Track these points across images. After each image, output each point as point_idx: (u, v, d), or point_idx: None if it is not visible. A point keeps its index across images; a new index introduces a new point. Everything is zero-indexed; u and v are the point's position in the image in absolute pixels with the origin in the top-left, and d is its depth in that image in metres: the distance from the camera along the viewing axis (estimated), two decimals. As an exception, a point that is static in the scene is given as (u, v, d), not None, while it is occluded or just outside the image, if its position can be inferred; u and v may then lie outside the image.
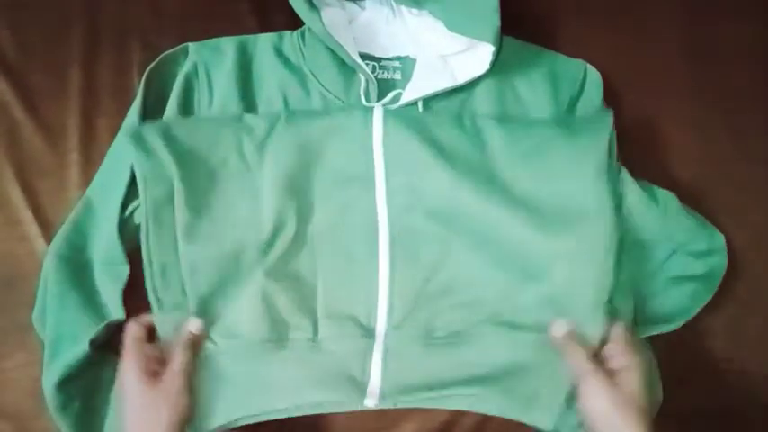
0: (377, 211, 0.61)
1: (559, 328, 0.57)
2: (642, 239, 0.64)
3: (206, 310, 0.57)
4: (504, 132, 0.61)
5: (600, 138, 0.60)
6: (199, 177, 0.58)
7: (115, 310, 0.58)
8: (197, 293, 0.57)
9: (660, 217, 0.63)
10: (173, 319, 0.56)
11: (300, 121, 0.61)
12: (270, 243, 0.58)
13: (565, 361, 0.56)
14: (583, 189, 0.59)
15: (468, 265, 0.60)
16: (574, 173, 0.59)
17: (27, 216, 0.65)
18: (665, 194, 0.64)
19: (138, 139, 0.58)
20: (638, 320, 0.63)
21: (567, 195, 0.59)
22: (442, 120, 0.62)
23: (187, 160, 0.58)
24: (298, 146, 0.60)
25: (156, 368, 0.53)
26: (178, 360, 0.54)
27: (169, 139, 0.58)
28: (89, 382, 0.58)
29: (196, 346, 0.56)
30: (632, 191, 0.62)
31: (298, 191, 0.60)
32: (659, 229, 0.64)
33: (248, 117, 0.61)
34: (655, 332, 0.61)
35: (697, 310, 0.62)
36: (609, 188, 0.59)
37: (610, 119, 0.61)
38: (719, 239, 0.64)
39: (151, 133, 0.58)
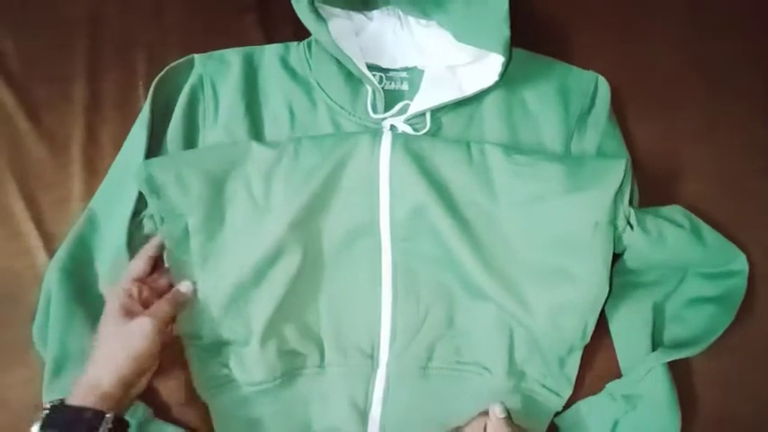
0: (381, 243, 0.60)
1: (498, 411, 0.57)
2: (652, 279, 0.64)
3: (218, 337, 0.58)
4: (512, 175, 0.59)
5: (606, 193, 0.57)
6: (210, 216, 0.58)
7: None
8: (210, 320, 0.57)
9: (672, 256, 0.61)
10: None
11: (308, 153, 0.59)
12: (276, 274, 0.58)
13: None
14: (577, 247, 0.57)
15: (465, 303, 0.60)
16: (571, 228, 0.57)
17: (29, 228, 0.64)
18: (680, 216, 0.61)
19: (149, 182, 0.57)
20: (658, 345, 0.62)
21: (560, 251, 0.57)
22: (451, 156, 0.60)
23: (198, 199, 0.58)
24: (304, 179, 0.58)
25: (137, 310, 0.54)
26: (160, 308, 0.54)
27: (179, 179, 0.57)
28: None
29: (181, 305, 0.57)
30: (639, 236, 0.59)
31: (303, 223, 0.59)
32: (672, 265, 0.63)
33: (256, 148, 0.60)
34: (678, 357, 0.59)
35: (719, 332, 0.60)
36: (605, 247, 0.57)
37: (621, 170, 0.57)
38: (741, 261, 0.61)
39: (160, 174, 0.57)
